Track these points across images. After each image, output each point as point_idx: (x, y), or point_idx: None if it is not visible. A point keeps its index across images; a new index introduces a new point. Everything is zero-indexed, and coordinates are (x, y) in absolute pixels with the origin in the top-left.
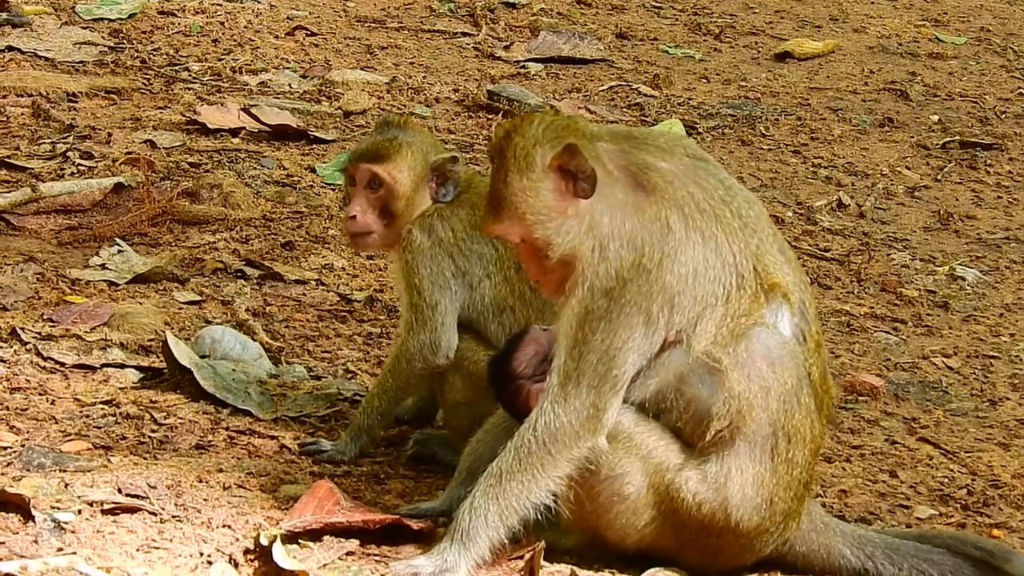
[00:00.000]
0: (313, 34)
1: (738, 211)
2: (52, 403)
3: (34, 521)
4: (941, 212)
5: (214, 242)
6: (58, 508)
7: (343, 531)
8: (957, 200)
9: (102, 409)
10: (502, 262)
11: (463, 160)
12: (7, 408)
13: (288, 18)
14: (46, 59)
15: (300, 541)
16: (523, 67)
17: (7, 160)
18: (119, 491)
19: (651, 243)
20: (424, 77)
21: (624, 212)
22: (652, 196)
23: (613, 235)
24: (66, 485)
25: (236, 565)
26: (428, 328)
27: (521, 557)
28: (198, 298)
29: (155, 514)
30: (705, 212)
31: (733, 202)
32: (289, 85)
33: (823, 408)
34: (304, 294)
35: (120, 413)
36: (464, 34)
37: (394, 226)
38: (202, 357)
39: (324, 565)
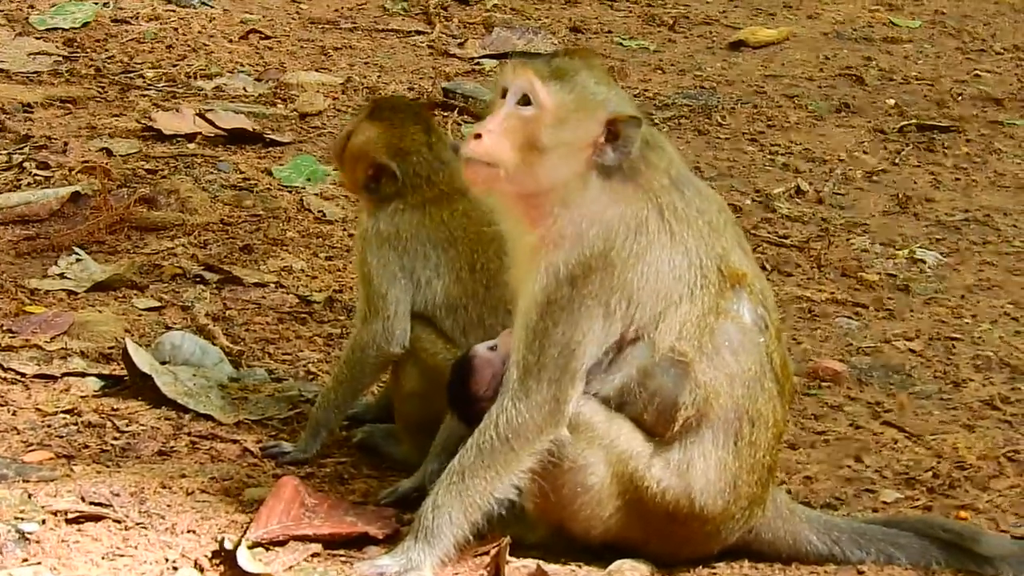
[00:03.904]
0: (267, 37)
1: (709, 220)
2: (13, 414)
3: None
4: (900, 196)
5: (172, 248)
6: (22, 519)
7: (308, 540)
8: (915, 183)
9: (64, 418)
10: (452, 264)
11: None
12: None
13: (242, 22)
14: (0, 70)
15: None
16: (478, 63)
17: None
18: (82, 500)
19: (623, 238)
20: (379, 76)
21: (610, 199)
22: (639, 193)
23: (593, 219)
24: (29, 495)
25: (202, 570)
26: (381, 317)
27: (487, 553)
28: (157, 304)
29: (119, 522)
30: (681, 219)
31: (707, 212)
32: (244, 89)
33: (785, 393)
34: (263, 297)
35: (82, 422)
36: (418, 32)
37: None
38: (162, 363)
39: (290, 568)
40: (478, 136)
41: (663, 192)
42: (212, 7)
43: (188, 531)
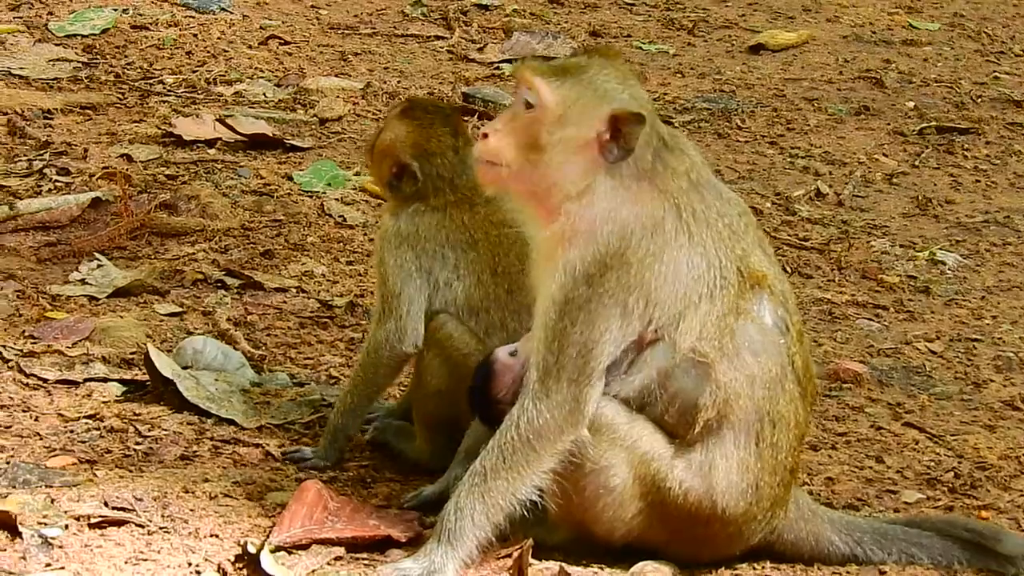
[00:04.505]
0: (286, 43)
1: (729, 223)
2: (36, 419)
3: (21, 538)
4: (920, 198)
5: (193, 253)
6: (45, 524)
7: (331, 543)
8: (935, 185)
9: (86, 424)
10: (472, 266)
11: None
12: None
13: (261, 28)
14: (20, 77)
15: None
16: (497, 68)
17: None
18: (105, 505)
19: (639, 237)
20: (399, 82)
21: (625, 198)
22: (655, 193)
23: (606, 217)
24: (52, 500)
25: (225, 574)
26: (394, 316)
27: (509, 555)
28: (179, 309)
29: (142, 526)
30: (699, 221)
31: (728, 215)
32: (264, 94)
33: (807, 395)
34: (284, 302)
35: (104, 427)
36: (437, 37)
37: None
38: (184, 368)
39: (312, 571)
40: (486, 136)
41: (681, 194)
42: (231, 13)
43: (211, 535)
